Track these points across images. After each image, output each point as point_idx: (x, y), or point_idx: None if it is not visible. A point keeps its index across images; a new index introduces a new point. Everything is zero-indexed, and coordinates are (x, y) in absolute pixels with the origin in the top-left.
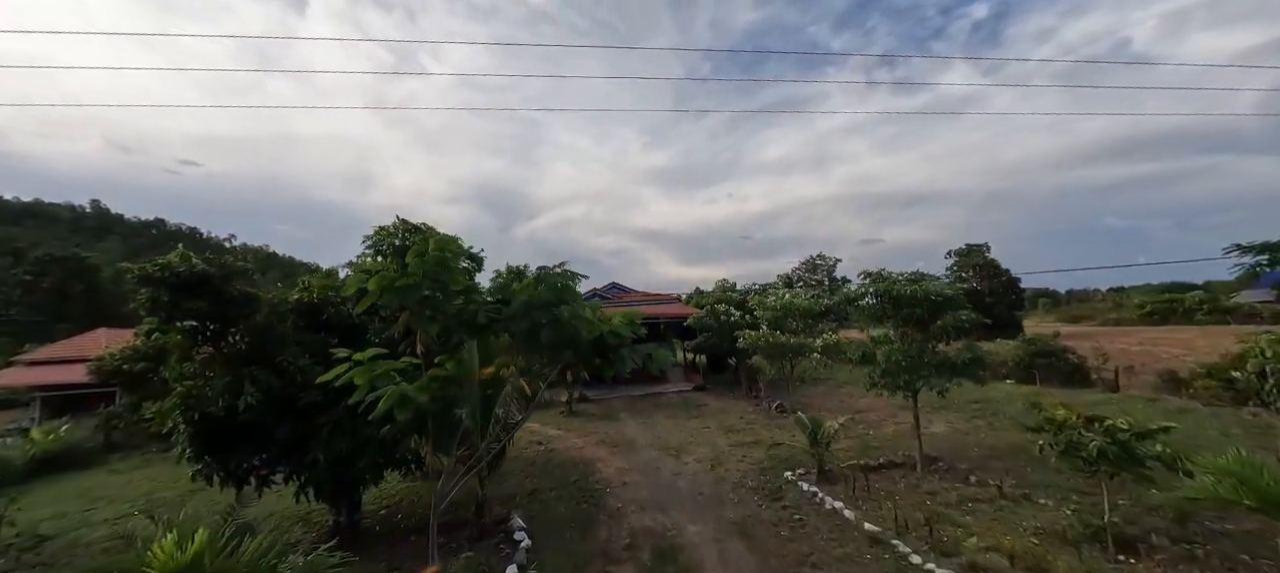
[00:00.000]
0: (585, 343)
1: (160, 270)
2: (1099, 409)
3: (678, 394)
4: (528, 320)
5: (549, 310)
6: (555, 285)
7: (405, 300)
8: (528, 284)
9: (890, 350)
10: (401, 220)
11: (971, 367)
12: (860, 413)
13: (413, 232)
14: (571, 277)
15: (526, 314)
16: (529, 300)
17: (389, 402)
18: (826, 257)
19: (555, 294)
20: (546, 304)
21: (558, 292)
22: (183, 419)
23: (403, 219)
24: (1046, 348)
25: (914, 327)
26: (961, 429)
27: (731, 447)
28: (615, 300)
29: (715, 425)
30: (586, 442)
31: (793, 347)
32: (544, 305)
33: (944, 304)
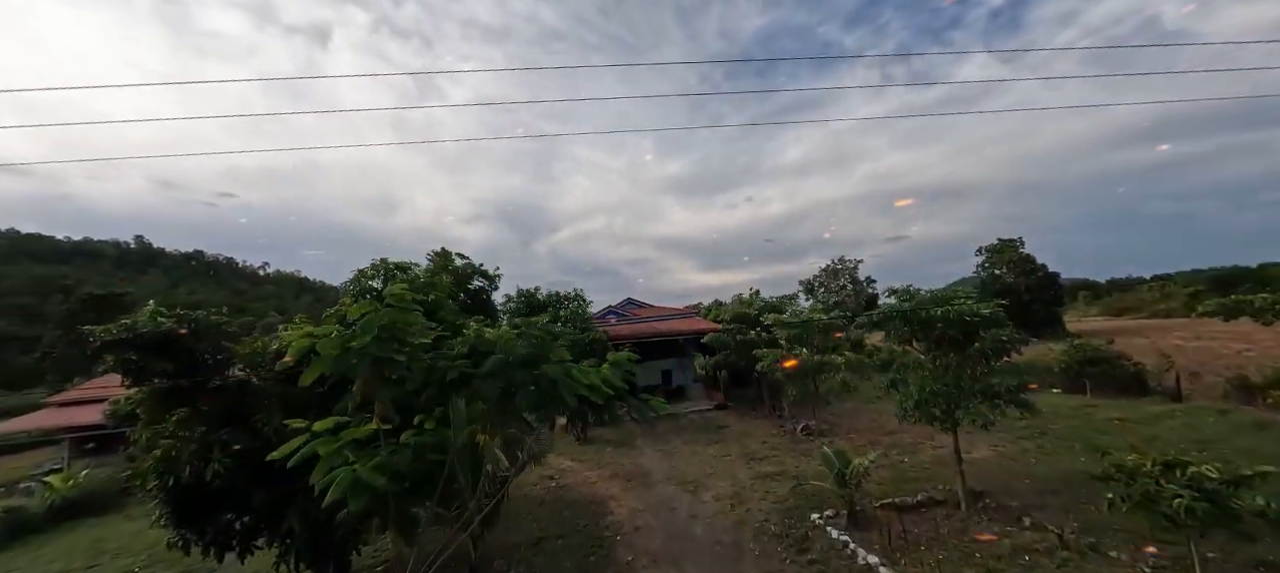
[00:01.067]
0: (570, 401)
1: (125, 333)
2: (1162, 422)
3: (698, 414)
4: (504, 380)
5: (528, 369)
6: (536, 339)
7: (352, 368)
8: (505, 338)
9: (923, 378)
10: (383, 261)
11: (1017, 392)
12: (892, 435)
13: (398, 270)
14: (577, 308)
15: (502, 374)
16: (504, 358)
17: (339, 489)
18: (848, 260)
19: (535, 348)
20: (525, 362)
21: (539, 346)
22: (157, 484)
23: (384, 259)
24: (1098, 354)
25: (948, 348)
26: (1008, 455)
27: (753, 480)
28: (630, 317)
29: (736, 452)
30: (599, 475)
31: (814, 365)
32: (522, 363)
33: (979, 324)
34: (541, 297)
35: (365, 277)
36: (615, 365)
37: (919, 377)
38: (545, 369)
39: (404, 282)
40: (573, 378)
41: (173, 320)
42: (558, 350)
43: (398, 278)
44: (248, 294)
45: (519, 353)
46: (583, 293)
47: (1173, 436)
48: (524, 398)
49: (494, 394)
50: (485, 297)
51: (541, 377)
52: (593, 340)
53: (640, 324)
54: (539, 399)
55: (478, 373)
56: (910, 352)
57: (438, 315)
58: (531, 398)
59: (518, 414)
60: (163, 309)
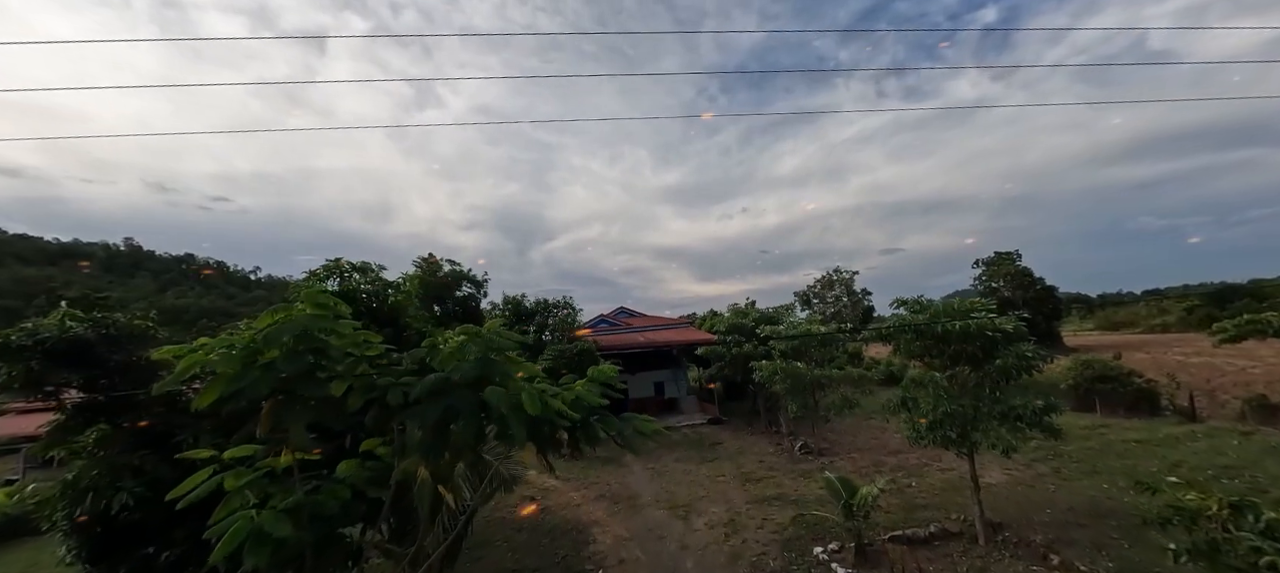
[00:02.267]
0: (518, 436)
1: (26, 338)
2: (1183, 445)
3: (691, 428)
4: (439, 408)
5: (471, 392)
6: (485, 353)
7: (256, 389)
8: (450, 351)
9: (938, 398)
10: (336, 261)
11: (1046, 414)
12: (897, 455)
13: (359, 272)
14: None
15: (437, 398)
16: (440, 379)
17: (230, 543)
18: (844, 270)
19: (481, 368)
20: (469, 384)
21: (486, 365)
22: (63, 516)
23: (338, 259)
24: (1108, 371)
25: (965, 365)
26: (1023, 480)
27: (750, 505)
28: (623, 326)
29: (731, 472)
30: (584, 496)
31: (813, 378)
32: (466, 385)
33: (1001, 339)
34: (528, 304)
35: (317, 278)
36: (594, 381)
37: (933, 396)
38: (487, 394)
39: (364, 283)
40: (520, 407)
41: (85, 325)
42: (512, 366)
43: (354, 280)
44: (237, 299)
45: (464, 373)
46: (572, 300)
47: (1198, 461)
48: (464, 429)
49: (429, 422)
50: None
51: (488, 403)
52: (581, 351)
53: (632, 334)
54: (481, 431)
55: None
56: (926, 369)
57: (401, 322)
58: (472, 429)
59: (464, 446)
60: (76, 312)
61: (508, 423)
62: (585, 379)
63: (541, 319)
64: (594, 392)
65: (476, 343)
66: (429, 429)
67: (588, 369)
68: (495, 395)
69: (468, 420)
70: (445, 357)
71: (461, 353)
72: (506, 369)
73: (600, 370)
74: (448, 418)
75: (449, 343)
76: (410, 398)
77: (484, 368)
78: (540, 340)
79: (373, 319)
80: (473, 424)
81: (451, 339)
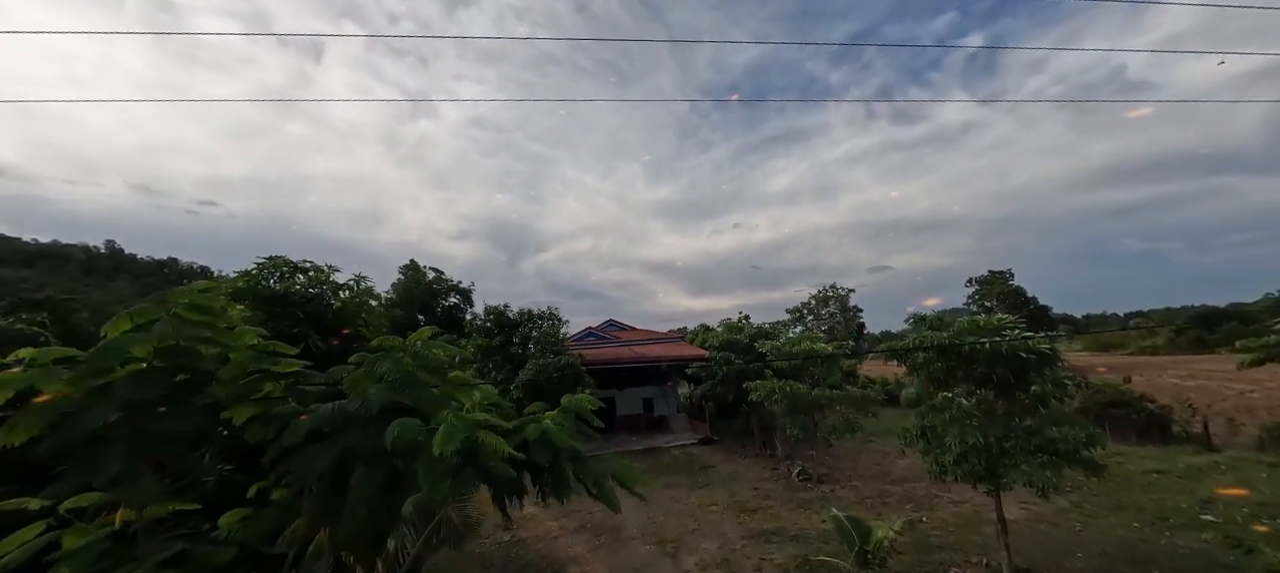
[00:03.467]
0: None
1: None
2: (1208, 477)
3: (681, 450)
4: (331, 452)
5: (370, 432)
6: (408, 374)
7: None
8: (360, 372)
9: (965, 428)
10: (274, 258)
11: (1087, 448)
12: (903, 483)
13: (298, 271)
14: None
15: (329, 440)
16: (333, 412)
17: None
18: (840, 287)
19: (402, 394)
20: (376, 417)
21: (408, 390)
22: None
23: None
24: (1119, 396)
25: (990, 389)
26: (1043, 516)
27: (746, 541)
28: (611, 339)
29: (724, 501)
30: (563, 527)
31: (813, 399)
32: (368, 419)
33: (1033, 363)
34: (512, 315)
35: (254, 278)
36: (566, 412)
37: (959, 426)
38: (397, 433)
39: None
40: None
41: None
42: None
43: (295, 281)
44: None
45: (372, 399)
46: (557, 312)
47: (1231, 496)
48: (365, 482)
49: (316, 472)
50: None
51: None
52: (566, 366)
53: (621, 347)
54: (397, 481)
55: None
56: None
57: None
58: (376, 480)
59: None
60: None
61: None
62: (558, 410)
63: (525, 331)
64: (566, 429)
65: (391, 360)
66: (321, 483)
67: (562, 398)
68: (407, 431)
69: (370, 469)
70: (354, 380)
71: (369, 373)
72: (439, 395)
73: (577, 401)
74: (344, 467)
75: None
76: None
77: (406, 394)
78: (523, 354)
79: (315, 328)
80: (377, 475)
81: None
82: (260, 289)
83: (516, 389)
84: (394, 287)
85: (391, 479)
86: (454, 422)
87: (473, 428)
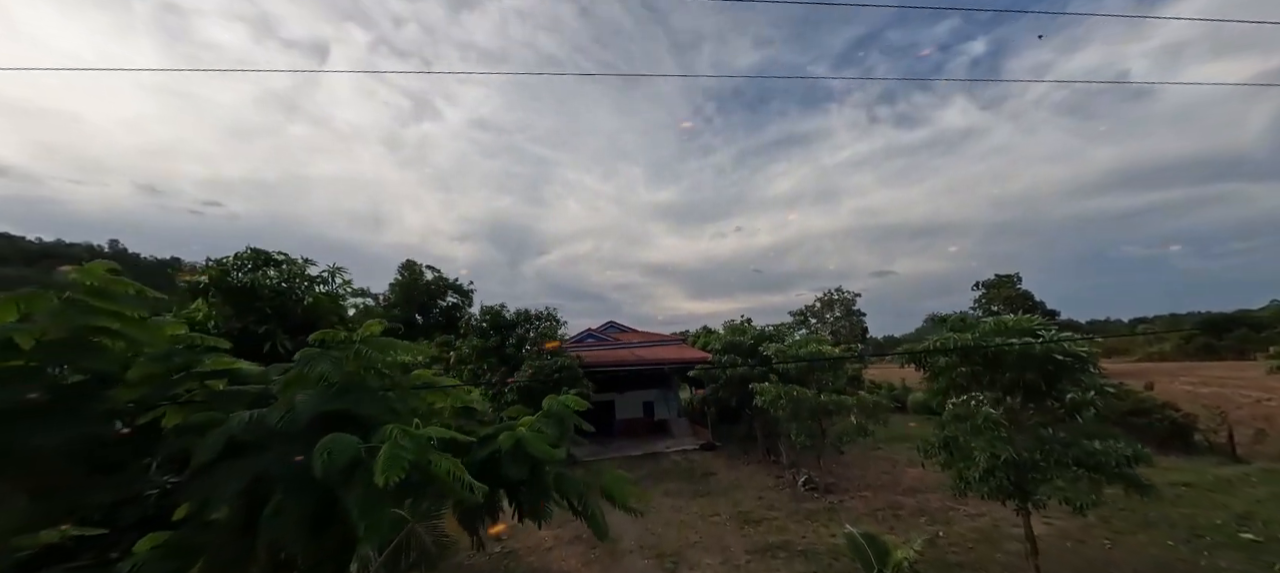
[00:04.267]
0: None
1: None
2: (1240, 490)
3: (682, 455)
4: (243, 475)
5: (297, 449)
6: (355, 376)
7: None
8: (292, 373)
9: (994, 439)
10: (251, 250)
11: (1129, 464)
12: (914, 494)
13: (272, 265)
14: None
15: (243, 459)
16: (253, 423)
17: None
18: (846, 290)
19: (331, 399)
20: (294, 432)
21: (350, 397)
22: None
23: (253, 249)
24: (1141, 403)
25: (1019, 397)
26: (1068, 532)
27: (751, 555)
28: (611, 341)
29: (727, 511)
30: (556, 537)
31: (821, 405)
32: (294, 434)
33: (1067, 367)
34: (508, 315)
35: (221, 270)
36: (550, 416)
37: (987, 437)
38: (328, 454)
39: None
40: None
41: None
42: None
43: (266, 275)
44: None
45: (302, 408)
46: (555, 312)
47: (1266, 511)
48: (285, 519)
49: (222, 499)
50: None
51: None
52: (563, 367)
53: (621, 350)
54: (331, 515)
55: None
56: (978, 402)
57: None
58: (295, 514)
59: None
60: None
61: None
62: (539, 414)
63: (522, 331)
64: (546, 436)
65: (329, 359)
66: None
67: (544, 400)
68: (342, 451)
69: (291, 499)
70: (286, 383)
71: (302, 375)
72: (396, 403)
73: (560, 403)
74: (260, 494)
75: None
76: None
77: (347, 402)
78: (519, 355)
79: (283, 325)
80: (298, 506)
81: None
82: (228, 281)
83: (511, 392)
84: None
85: (323, 511)
86: (400, 442)
87: (424, 447)
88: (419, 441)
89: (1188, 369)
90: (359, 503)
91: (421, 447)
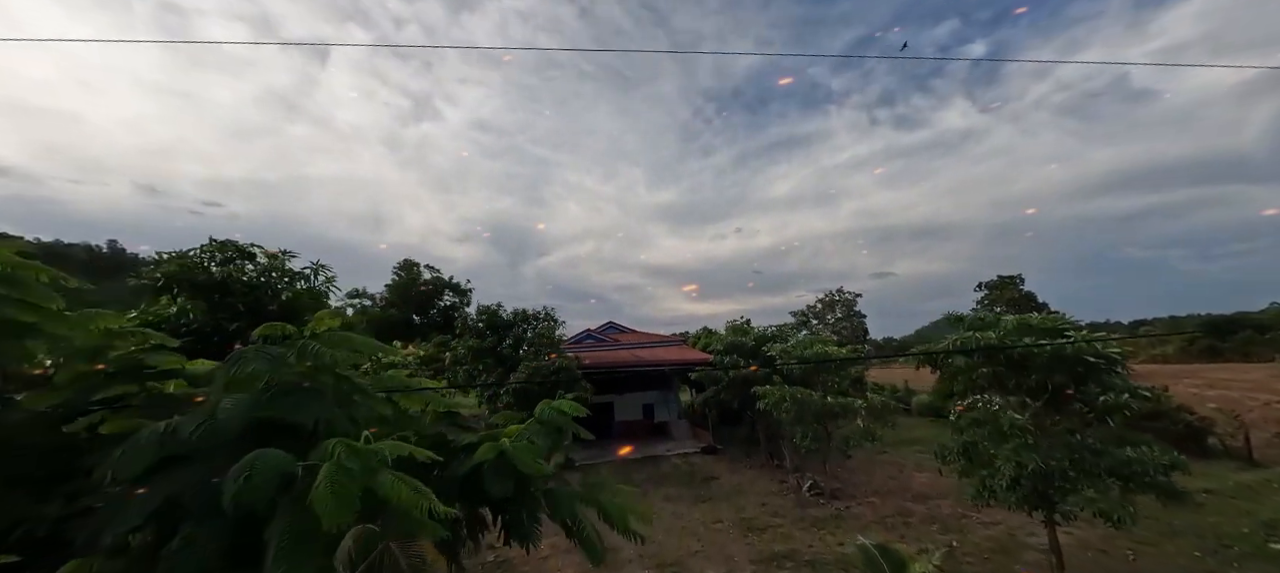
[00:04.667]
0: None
1: None
2: (1266, 496)
3: (682, 458)
4: (152, 501)
5: (228, 462)
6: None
7: None
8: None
9: (1020, 446)
10: (216, 241)
11: (1166, 473)
12: (924, 500)
13: (247, 257)
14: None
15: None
16: (166, 435)
17: None
18: (847, 291)
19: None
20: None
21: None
22: None
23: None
24: (1157, 407)
25: (1043, 400)
26: (1089, 542)
27: (755, 566)
28: (611, 342)
29: (730, 518)
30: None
31: (827, 407)
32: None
33: (1096, 369)
34: (505, 315)
35: (182, 264)
36: (542, 424)
37: (1014, 445)
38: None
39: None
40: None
41: None
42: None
43: (243, 268)
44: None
45: (232, 414)
46: (553, 312)
47: None
48: (186, 557)
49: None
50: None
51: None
52: (560, 368)
53: (620, 350)
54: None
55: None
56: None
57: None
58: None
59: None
60: None
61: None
62: (530, 420)
63: (519, 331)
64: (536, 448)
65: (264, 357)
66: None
67: (537, 405)
68: (263, 473)
69: (205, 530)
70: (215, 387)
71: (234, 377)
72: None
73: (555, 407)
74: (169, 522)
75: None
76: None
77: (282, 408)
78: (515, 356)
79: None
80: (212, 538)
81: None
82: (197, 275)
83: (506, 394)
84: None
85: (247, 544)
86: (344, 462)
87: (377, 466)
88: (369, 458)
89: (1192, 372)
90: (280, 543)
91: (370, 466)
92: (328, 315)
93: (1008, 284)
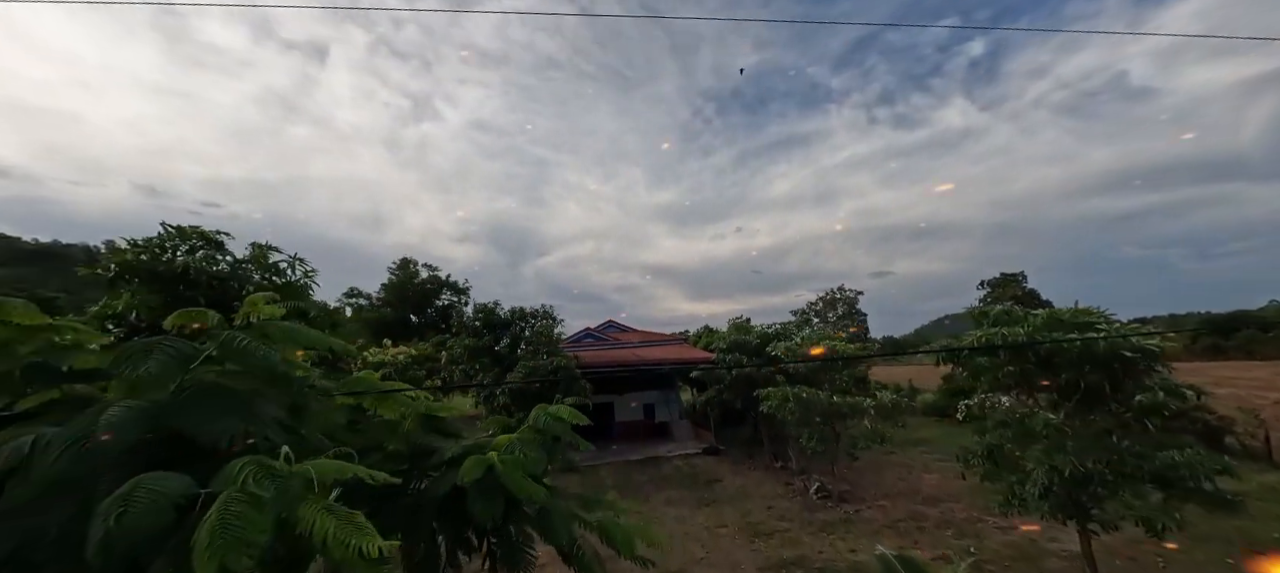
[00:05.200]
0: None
1: None
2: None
3: (684, 459)
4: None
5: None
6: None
7: None
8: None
9: (1052, 451)
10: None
11: (1211, 477)
12: (937, 503)
13: (213, 245)
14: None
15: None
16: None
17: None
18: (848, 290)
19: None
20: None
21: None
22: None
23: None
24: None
25: (1075, 400)
26: (1115, 547)
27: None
28: (610, 341)
29: (734, 523)
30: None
31: (834, 407)
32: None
33: (1135, 362)
34: (503, 313)
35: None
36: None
37: (1046, 449)
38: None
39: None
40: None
41: None
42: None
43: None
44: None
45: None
46: (552, 310)
47: None
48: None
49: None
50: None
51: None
52: (558, 368)
53: (621, 350)
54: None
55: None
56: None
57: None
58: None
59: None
60: None
61: None
62: (523, 428)
63: (517, 330)
64: (528, 462)
65: (167, 352)
66: None
67: (533, 411)
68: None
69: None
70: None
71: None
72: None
73: (553, 414)
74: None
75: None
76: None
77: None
78: (513, 355)
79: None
80: None
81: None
82: (156, 266)
83: (504, 394)
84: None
85: None
86: (251, 486)
87: (301, 492)
88: (289, 483)
89: (1196, 370)
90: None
91: (289, 493)
92: (262, 301)
93: (1010, 282)
